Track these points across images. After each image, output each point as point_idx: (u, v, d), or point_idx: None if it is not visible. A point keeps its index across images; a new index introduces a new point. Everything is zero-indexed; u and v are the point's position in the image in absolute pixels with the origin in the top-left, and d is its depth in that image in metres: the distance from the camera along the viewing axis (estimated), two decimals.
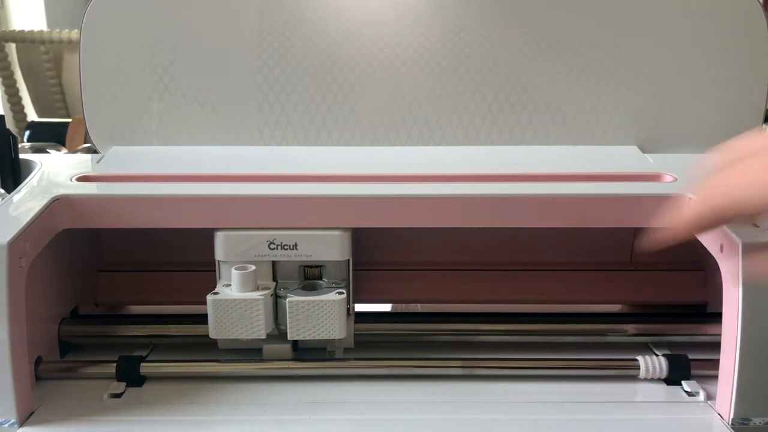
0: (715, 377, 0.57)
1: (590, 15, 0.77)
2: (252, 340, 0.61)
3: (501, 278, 0.74)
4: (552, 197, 0.62)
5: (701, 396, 0.59)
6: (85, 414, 0.57)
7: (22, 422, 0.55)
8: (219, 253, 0.63)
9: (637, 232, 0.75)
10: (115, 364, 0.62)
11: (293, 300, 0.60)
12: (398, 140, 0.77)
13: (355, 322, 0.66)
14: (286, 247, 0.62)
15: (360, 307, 0.70)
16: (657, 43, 0.77)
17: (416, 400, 0.59)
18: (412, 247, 0.75)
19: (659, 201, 0.61)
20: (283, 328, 0.61)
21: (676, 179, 0.66)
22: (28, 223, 0.56)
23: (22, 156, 0.76)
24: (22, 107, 2.04)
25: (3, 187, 0.73)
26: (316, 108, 0.77)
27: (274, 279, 0.64)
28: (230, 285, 0.61)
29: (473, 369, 0.63)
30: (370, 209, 0.62)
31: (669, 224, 0.46)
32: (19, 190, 0.64)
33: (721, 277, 0.55)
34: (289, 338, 0.61)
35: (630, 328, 0.68)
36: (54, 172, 0.70)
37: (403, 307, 0.79)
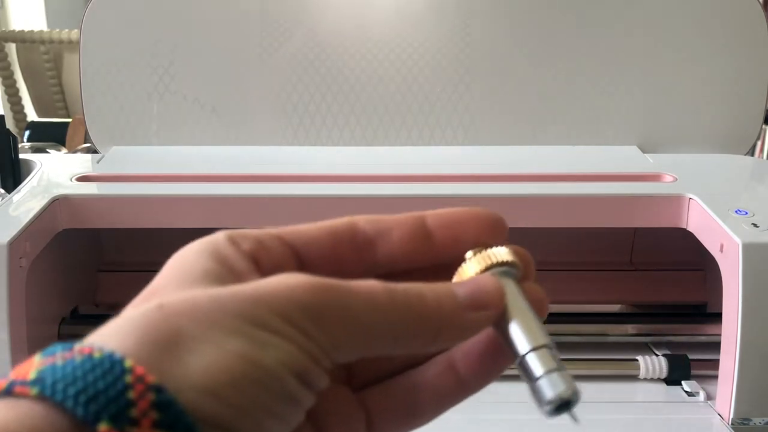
0: (715, 377, 0.57)
1: (590, 16, 0.77)
2: None
3: None
4: (552, 197, 0.62)
5: (701, 396, 0.59)
6: None
7: None
8: None
9: (637, 232, 0.75)
10: None
11: None
12: (398, 140, 0.77)
13: None
14: None
15: None
16: (657, 44, 0.77)
17: None
18: None
19: (659, 201, 0.61)
20: None
21: (676, 179, 0.66)
22: (28, 223, 0.56)
23: (22, 156, 0.76)
24: (22, 107, 2.04)
25: (3, 187, 0.73)
26: (316, 108, 0.77)
27: None
28: None
29: None
30: (370, 209, 0.61)
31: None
32: (19, 190, 0.64)
33: (721, 277, 0.55)
34: None
35: (630, 328, 0.68)
36: (54, 172, 0.70)
37: None
